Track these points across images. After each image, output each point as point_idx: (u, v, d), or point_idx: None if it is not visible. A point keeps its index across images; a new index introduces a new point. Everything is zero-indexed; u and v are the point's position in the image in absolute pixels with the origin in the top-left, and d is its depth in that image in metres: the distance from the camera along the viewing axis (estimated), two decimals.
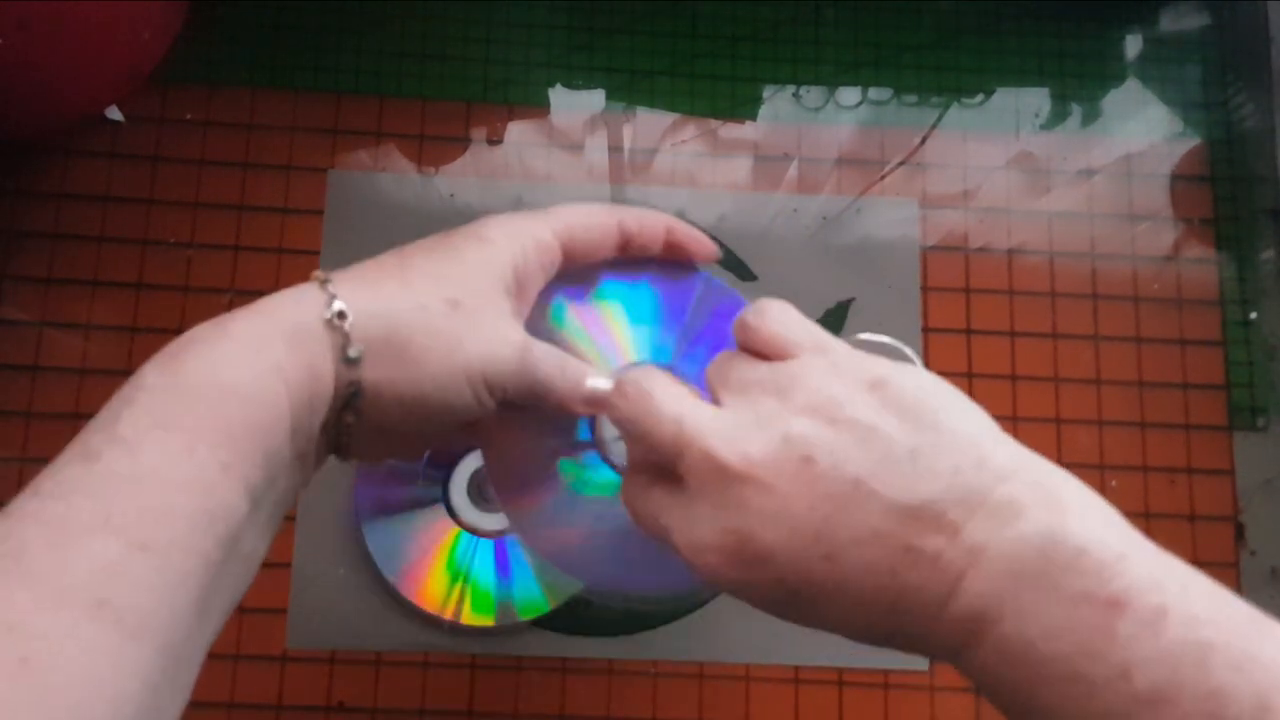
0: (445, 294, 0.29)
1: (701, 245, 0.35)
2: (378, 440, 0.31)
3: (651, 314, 0.35)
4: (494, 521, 0.47)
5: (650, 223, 0.34)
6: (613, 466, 0.33)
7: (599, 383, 0.32)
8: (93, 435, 0.25)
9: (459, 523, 0.47)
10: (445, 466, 0.47)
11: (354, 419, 0.29)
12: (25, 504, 0.24)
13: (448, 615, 0.47)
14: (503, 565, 0.47)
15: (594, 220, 0.33)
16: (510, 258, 0.30)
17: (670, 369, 0.32)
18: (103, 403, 0.50)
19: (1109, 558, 0.24)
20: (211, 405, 0.25)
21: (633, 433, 0.30)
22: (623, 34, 0.55)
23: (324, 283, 0.28)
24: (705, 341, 0.35)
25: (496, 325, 0.30)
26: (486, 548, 0.47)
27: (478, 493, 0.47)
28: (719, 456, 0.27)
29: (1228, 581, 0.50)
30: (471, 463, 0.47)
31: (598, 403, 0.32)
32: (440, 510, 0.47)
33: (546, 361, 0.31)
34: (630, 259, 0.34)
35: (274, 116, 0.53)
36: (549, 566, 0.38)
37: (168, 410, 0.25)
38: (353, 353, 0.28)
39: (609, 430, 0.33)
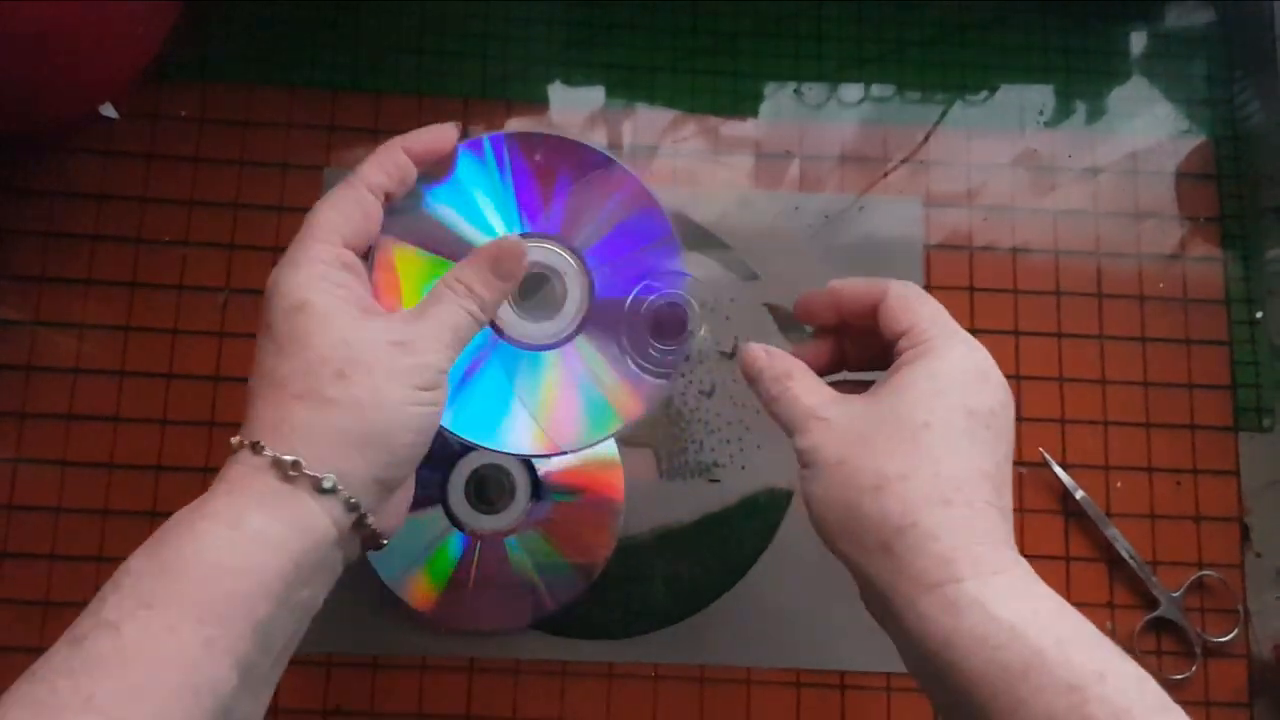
0: (329, 373, 0.30)
1: (436, 137, 0.35)
2: (399, 505, 0.33)
3: (499, 196, 0.37)
4: (492, 523, 0.47)
5: (388, 161, 0.34)
6: (505, 338, 0.37)
7: None
8: (82, 621, 0.26)
9: (456, 524, 0.47)
10: (443, 469, 0.47)
11: (374, 517, 0.31)
12: (18, 687, 0.25)
13: (445, 618, 0.46)
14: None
15: (348, 206, 0.33)
16: (329, 298, 0.31)
17: (534, 232, 0.37)
18: (96, 403, 0.50)
19: None
20: (194, 583, 0.27)
21: None
22: (622, 30, 0.54)
23: (255, 445, 0.29)
24: (561, 199, 0.37)
25: (385, 355, 0.31)
26: (484, 549, 0.47)
27: (475, 494, 0.47)
28: None
29: (1233, 583, 0.50)
30: (469, 465, 0.47)
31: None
32: (438, 512, 0.47)
33: (443, 330, 0.32)
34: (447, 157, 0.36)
35: (270, 113, 0.52)
36: None
37: (151, 591, 0.26)
38: (327, 484, 0.29)
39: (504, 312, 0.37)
